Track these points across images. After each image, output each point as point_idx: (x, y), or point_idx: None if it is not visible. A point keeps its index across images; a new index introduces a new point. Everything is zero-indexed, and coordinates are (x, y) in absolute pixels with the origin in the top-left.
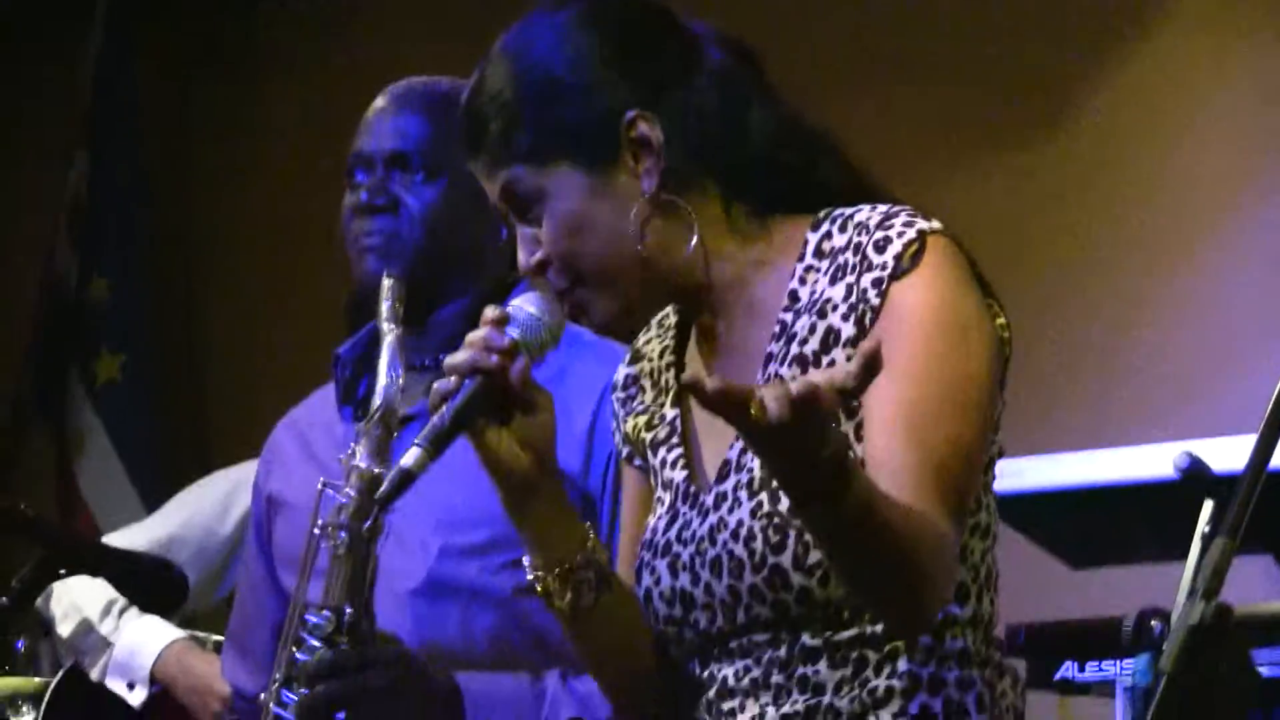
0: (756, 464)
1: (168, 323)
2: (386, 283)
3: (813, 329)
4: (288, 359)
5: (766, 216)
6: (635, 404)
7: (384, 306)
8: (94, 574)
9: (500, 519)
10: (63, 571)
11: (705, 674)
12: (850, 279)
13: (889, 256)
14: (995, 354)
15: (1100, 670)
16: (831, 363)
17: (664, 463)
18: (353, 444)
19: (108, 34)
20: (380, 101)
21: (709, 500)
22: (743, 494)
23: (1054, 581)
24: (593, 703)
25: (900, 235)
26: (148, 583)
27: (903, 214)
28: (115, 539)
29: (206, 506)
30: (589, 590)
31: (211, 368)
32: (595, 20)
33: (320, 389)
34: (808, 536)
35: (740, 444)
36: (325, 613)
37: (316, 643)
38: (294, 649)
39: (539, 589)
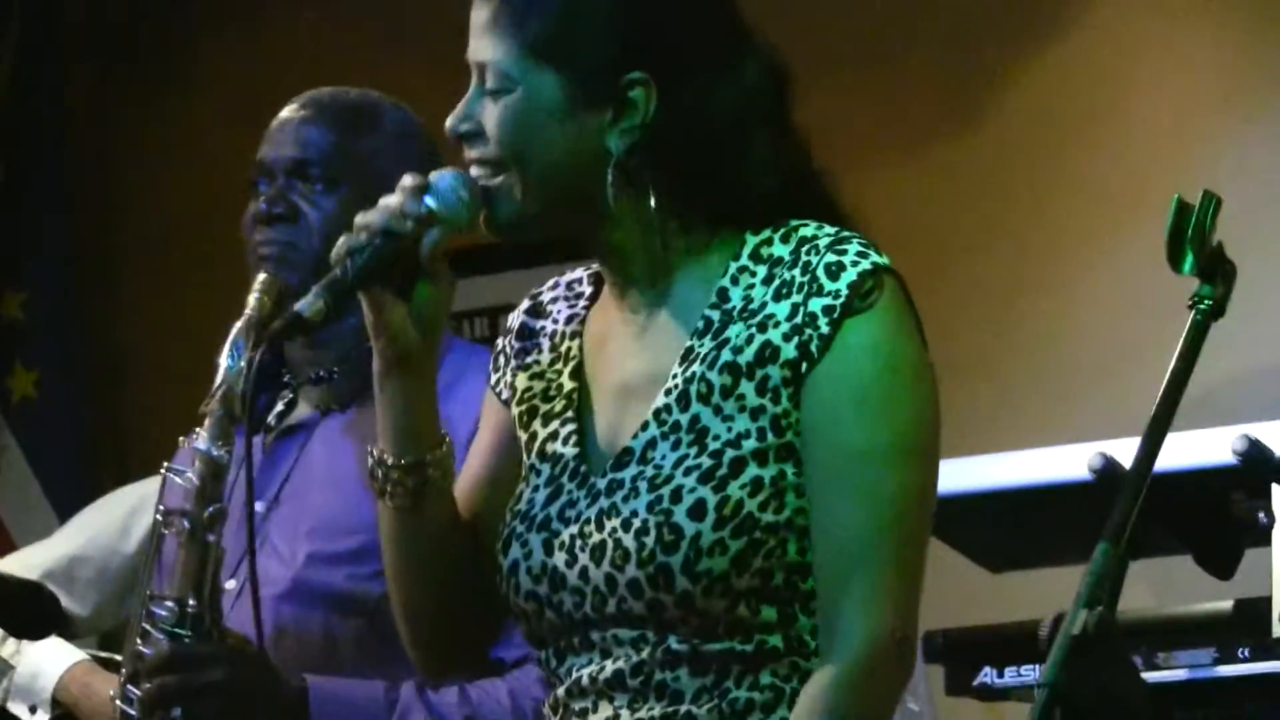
0: (668, 462)
1: (86, 338)
2: (260, 276)
3: (749, 339)
4: (210, 376)
5: (719, 223)
6: (529, 359)
7: (250, 297)
8: None
9: (373, 527)
10: None
11: (557, 665)
12: (797, 298)
13: (842, 285)
14: (936, 394)
15: (1019, 675)
16: (765, 378)
17: (553, 435)
18: (198, 428)
19: (25, 26)
20: (285, 111)
21: (601, 484)
22: (642, 485)
23: (974, 587)
24: (444, 714)
25: (855, 265)
26: (14, 606)
27: (855, 241)
28: (16, 558)
29: (108, 524)
30: (428, 492)
31: (131, 384)
32: None
33: None
34: (703, 543)
35: (647, 436)
36: (169, 604)
37: (160, 635)
38: (139, 642)
39: (378, 474)
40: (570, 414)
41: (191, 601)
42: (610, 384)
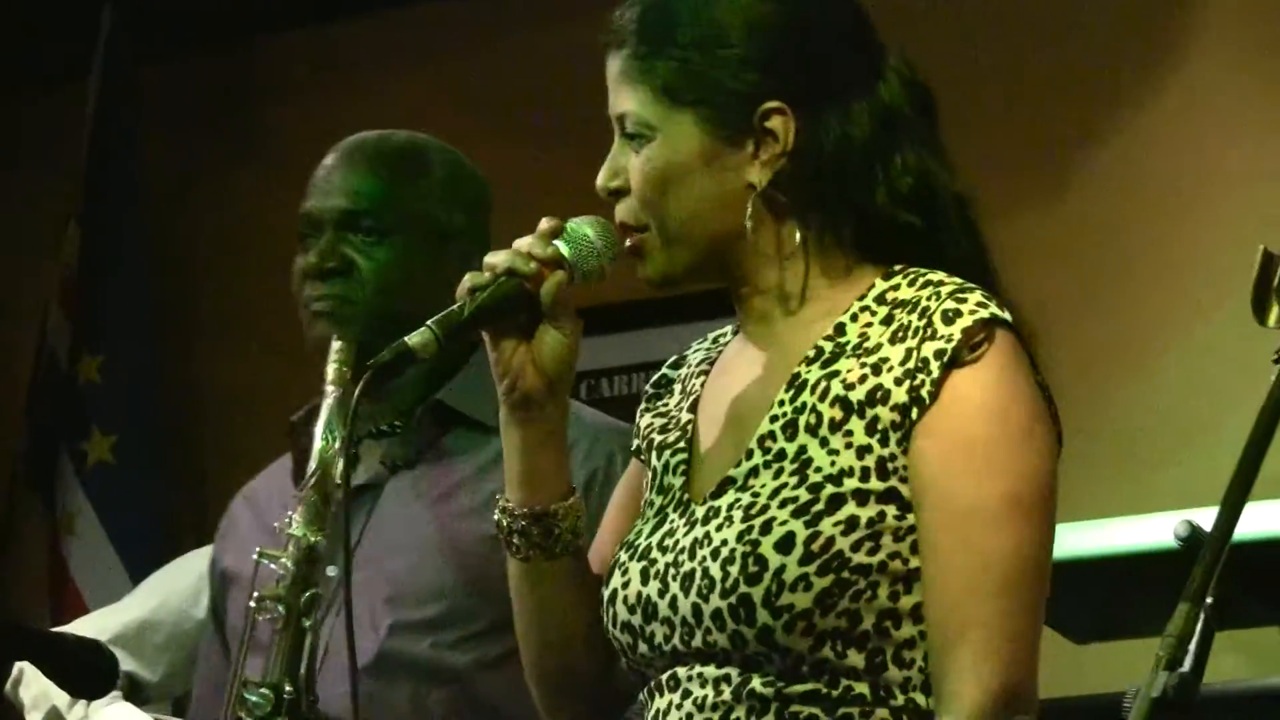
0: (765, 491)
1: (163, 402)
2: (334, 345)
3: (862, 378)
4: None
5: (853, 258)
6: (659, 404)
7: (329, 369)
8: (16, 657)
9: (454, 593)
10: None
11: (649, 701)
12: (911, 343)
13: (955, 330)
14: (1054, 450)
15: None
16: (876, 418)
17: (665, 466)
18: (290, 512)
19: (104, 93)
20: (329, 159)
21: (700, 512)
22: (736, 514)
23: (1058, 658)
24: None
25: (972, 314)
26: (72, 666)
27: (978, 292)
28: (87, 623)
29: (180, 589)
30: (555, 543)
31: (207, 449)
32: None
33: (279, 460)
34: (786, 576)
35: (749, 464)
36: (264, 690)
37: None
38: None
39: (503, 523)
40: (682, 444)
41: (288, 688)
42: (720, 412)
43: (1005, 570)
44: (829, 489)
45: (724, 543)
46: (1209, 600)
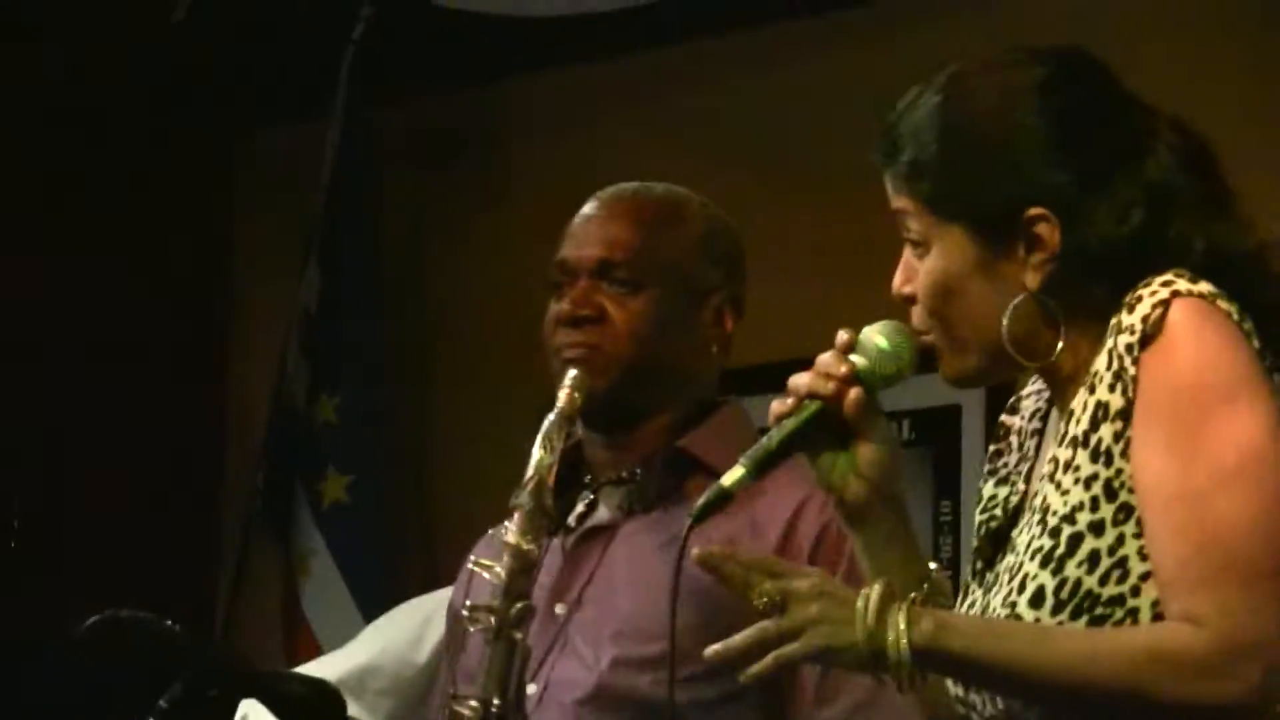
0: (1021, 547)
1: (398, 443)
2: (570, 372)
3: (1084, 405)
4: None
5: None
6: (1000, 463)
7: (560, 393)
8: (244, 695)
9: (678, 633)
10: (213, 693)
11: None
12: (1109, 343)
13: (1136, 318)
14: (1270, 409)
15: None
16: (1099, 441)
17: (987, 530)
18: (505, 522)
19: (346, 127)
20: (588, 208)
21: (991, 577)
22: (1005, 576)
23: None
24: None
25: (1152, 295)
26: (299, 705)
27: (1170, 275)
28: (312, 666)
29: (402, 633)
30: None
31: (440, 491)
32: (1045, 97)
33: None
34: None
35: (1022, 523)
36: (472, 703)
37: None
38: None
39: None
40: (999, 512)
41: (496, 701)
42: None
43: (1223, 550)
44: (1066, 530)
45: (995, 608)
46: None
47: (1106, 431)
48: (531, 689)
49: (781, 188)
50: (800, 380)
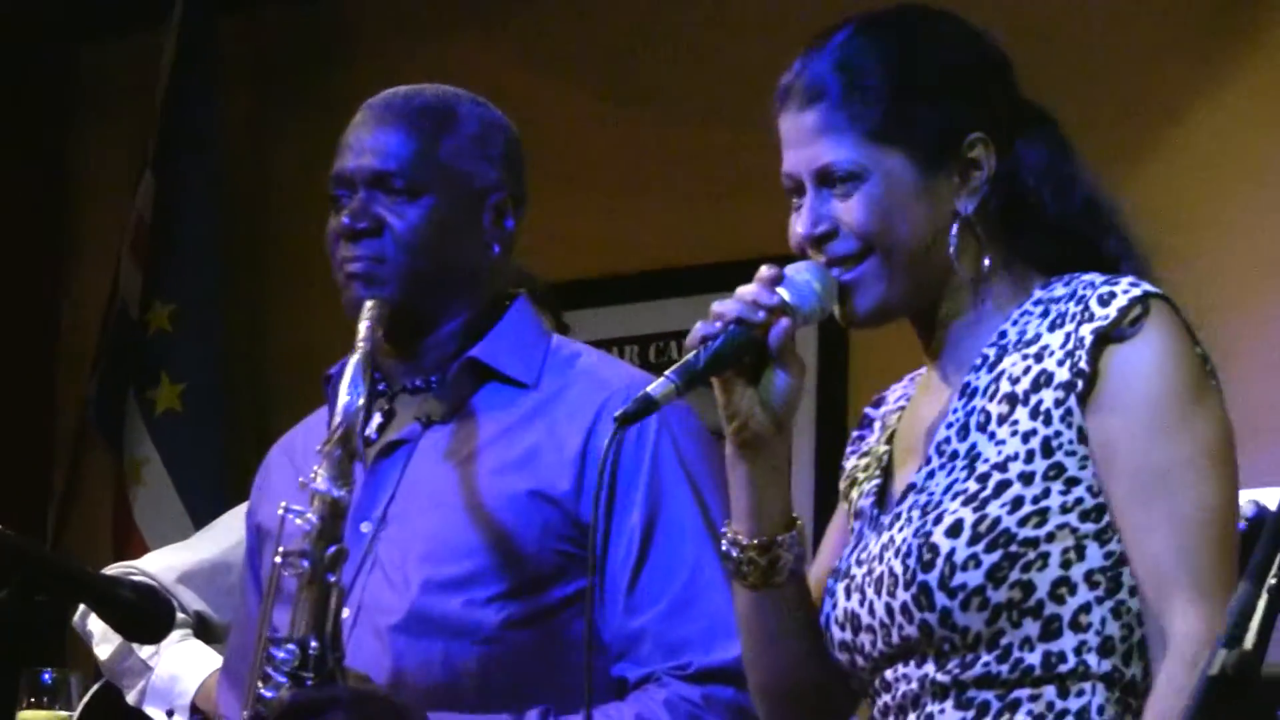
0: (939, 489)
1: (233, 352)
2: (367, 304)
3: (1026, 370)
4: None
5: (1025, 271)
6: (862, 444)
7: (360, 326)
8: (73, 600)
9: (485, 550)
10: (41, 598)
11: (870, 708)
12: (1069, 327)
13: (1112, 310)
14: (1225, 409)
15: None
16: (1039, 402)
17: (862, 493)
18: (314, 466)
19: (183, 37)
20: (359, 117)
21: (886, 520)
22: (914, 513)
23: None
24: None
25: (1125, 292)
26: (129, 611)
27: (1129, 278)
28: (158, 558)
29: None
30: (782, 570)
31: (274, 400)
32: (980, 40)
33: (316, 411)
34: (956, 558)
35: (927, 469)
36: (290, 646)
37: (282, 678)
38: (260, 685)
39: (731, 554)
40: (877, 472)
41: (313, 643)
42: (911, 438)
43: (1205, 523)
44: (995, 476)
45: (904, 540)
46: (1273, 580)
47: (1048, 396)
48: (345, 613)
49: (602, 99)
50: (727, 306)
